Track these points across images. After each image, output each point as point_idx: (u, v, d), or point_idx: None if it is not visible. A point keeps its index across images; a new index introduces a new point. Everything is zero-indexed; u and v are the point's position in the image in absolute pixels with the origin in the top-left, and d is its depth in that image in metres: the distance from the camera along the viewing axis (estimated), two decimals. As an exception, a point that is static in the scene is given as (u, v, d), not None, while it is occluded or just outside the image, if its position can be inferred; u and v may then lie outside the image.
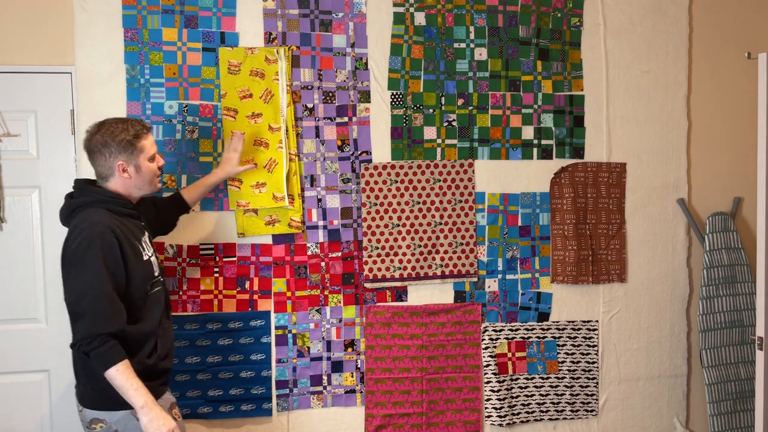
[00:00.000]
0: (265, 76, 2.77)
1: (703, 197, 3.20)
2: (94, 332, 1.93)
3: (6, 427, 2.73)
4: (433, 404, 2.95)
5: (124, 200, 2.14)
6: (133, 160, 2.11)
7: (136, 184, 2.15)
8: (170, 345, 2.24)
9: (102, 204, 2.08)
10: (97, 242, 1.97)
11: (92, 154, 2.11)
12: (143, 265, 2.11)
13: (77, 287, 1.96)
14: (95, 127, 2.12)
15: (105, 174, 2.12)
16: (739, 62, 3.17)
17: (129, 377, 1.95)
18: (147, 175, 2.16)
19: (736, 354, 3.09)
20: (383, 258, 2.91)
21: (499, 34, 2.98)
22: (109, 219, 2.04)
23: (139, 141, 2.12)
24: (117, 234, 2.02)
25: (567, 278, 3.04)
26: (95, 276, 1.95)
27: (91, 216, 2.03)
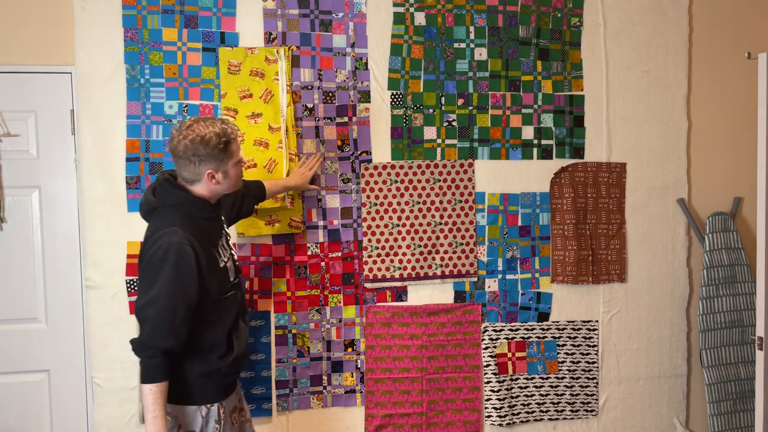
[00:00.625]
0: (265, 76, 2.77)
1: (703, 197, 3.20)
2: (149, 344, 1.94)
3: (6, 427, 2.73)
4: (433, 404, 2.95)
5: (205, 204, 2.09)
6: (222, 167, 2.04)
7: (224, 189, 2.12)
8: (243, 348, 2.20)
9: (183, 208, 2.04)
10: (174, 254, 1.94)
11: (179, 159, 2.02)
12: (219, 273, 2.08)
13: (146, 295, 1.95)
14: (184, 129, 2.01)
15: (191, 179, 2.05)
16: (739, 62, 3.17)
17: (156, 402, 1.94)
18: (233, 179, 2.11)
19: (736, 354, 3.09)
20: (383, 258, 2.91)
21: (499, 34, 2.98)
22: (189, 226, 2.00)
23: (229, 146, 2.04)
24: (194, 245, 1.98)
25: (567, 278, 3.04)
26: (166, 289, 1.93)
27: (172, 222, 1.99)
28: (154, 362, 1.94)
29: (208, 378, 2.09)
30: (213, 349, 2.10)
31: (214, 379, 2.10)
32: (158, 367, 1.95)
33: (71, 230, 2.74)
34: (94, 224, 2.66)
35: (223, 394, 2.14)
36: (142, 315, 1.95)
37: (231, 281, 2.16)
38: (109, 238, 2.67)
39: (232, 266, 2.19)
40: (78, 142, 2.67)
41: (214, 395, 2.11)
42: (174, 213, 2.03)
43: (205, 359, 2.08)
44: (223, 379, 2.13)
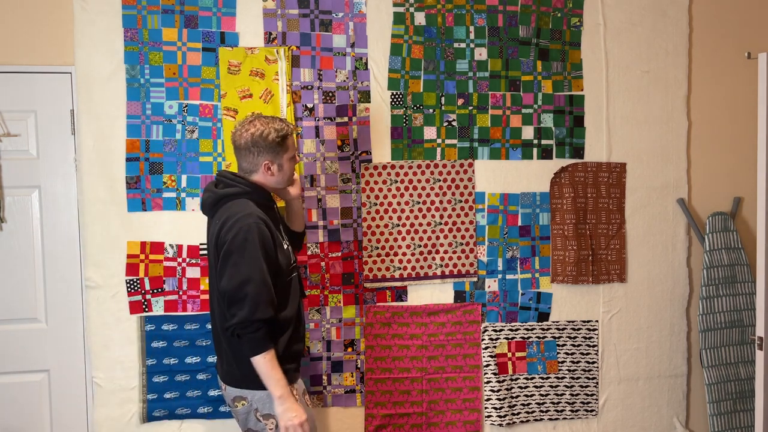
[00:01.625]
0: (265, 76, 2.77)
1: (703, 197, 3.20)
2: (253, 317, 2.04)
3: (6, 427, 2.73)
4: (433, 404, 2.95)
5: (265, 192, 2.26)
6: (277, 160, 2.22)
7: (277, 181, 2.27)
8: (304, 329, 2.37)
9: (248, 195, 2.20)
10: (255, 233, 2.08)
11: (240, 150, 2.22)
12: (284, 254, 2.23)
13: (240, 274, 2.06)
14: (247, 123, 2.21)
15: (250, 170, 2.23)
16: (739, 62, 3.17)
17: (273, 367, 2.08)
18: (287, 173, 2.28)
19: (736, 354, 3.09)
20: (383, 258, 2.91)
21: (499, 34, 2.98)
22: (258, 210, 2.16)
23: (286, 141, 2.22)
24: (269, 225, 2.15)
25: (567, 278, 3.04)
26: (256, 264, 2.07)
27: (243, 207, 2.14)
28: (260, 333, 2.07)
29: (282, 360, 2.16)
30: (285, 331, 2.21)
31: (287, 361, 2.19)
32: (265, 336, 2.08)
33: (71, 230, 2.74)
34: (94, 224, 2.66)
35: (293, 377, 2.23)
36: (239, 293, 2.06)
37: (292, 263, 2.30)
38: (109, 238, 2.67)
39: (292, 251, 2.35)
40: (78, 142, 2.67)
41: (288, 378, 2.17)
42: (242, 200, 2.18)
43: (279, 340, 2.18)
44: (292, 360, 2.23)
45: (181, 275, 2.75)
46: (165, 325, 2.74)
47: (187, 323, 2.76)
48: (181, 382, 2.76)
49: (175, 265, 2.74)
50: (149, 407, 2.74)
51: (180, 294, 2.75)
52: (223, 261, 2.11)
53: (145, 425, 2.73)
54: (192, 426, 2.79)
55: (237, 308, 2.07)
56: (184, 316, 2.75)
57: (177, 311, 2.74)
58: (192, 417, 2.78)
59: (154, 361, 2.74)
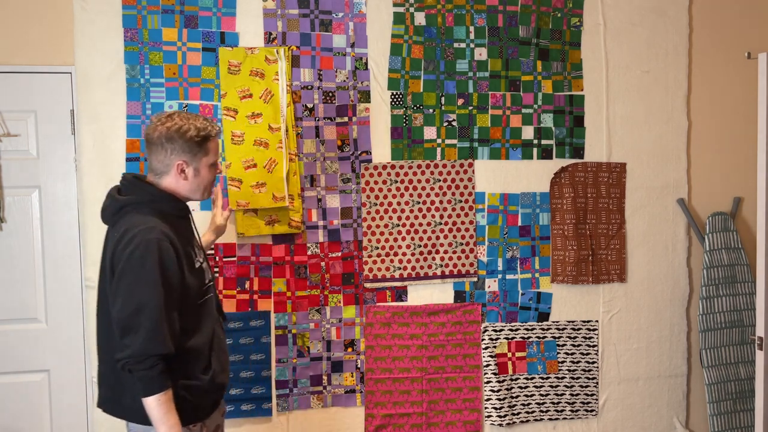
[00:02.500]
0: (265, 76, 2.77)
1: (703, 197, 3.20)
2: (147, 352, 1.77)
3: (6, 427, 2.73)
4: (433, 404, 2.95)
5: (177, 201, 1.96)
6: (194, 162, 1.94)
7: (190, 188, 1.97)
8: (226, 358, 2.07)
9: (153, 205, 1.90)
10: (155, 251, 1.79)
11: (152, 146, 1.92)
12: (196, 274, 1.95)
13: (133, 300, 1.78)
14: (163, 117, 1.93)
15: (160, 170, 1.93)
16: (739, 62, 3.17)
17: (168, 411, 1.80)
18: (204, 181, 1.98)
19: (736, 354, 3.09)
20: (383, 258, 2.91)
21: (499, 34, 2.98)
22: (164, 223, 1.87)
23: (207, 143, 1.94)
24: (173, 241, 1.85)
25: (567, 278, 3.04)
26: (153, 289, 1.78)
27: (145, 220, 1.85)
28: (156, 371, 1.78)
29: (191, 394, 1.91)
30: (196, 362, 1.93)
31: (196, 395, 1.93)
32: (160, 375, 1.79)
33: (71, 230, 2.74)
34: (94, 224, 2.66)
35: (205, 413, 1.98)
36: (132, 322, 1.78)
37: (206, 283, 2.01)
38: (109, 238, 2.67)
39: (207, 268, 2.06)
40: (78, 142, 2.67)
41: (197, 414, 1.94)
42: (146, 210, 1.89)
43: (187, 373, 1.90)
44: (208, 394, 1.97)
45: (181, 275, 2.74)
46: (165, 325, 2.74)
47: (187, 323, 2.75)
48: (181, 382, 2.75)
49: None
50: (149, 407, 2.73)
51: (180, 294, 2.75)
52: (117, 281, 1.81)
53: (145, 425, 2.73)
54: (192, 426, 2.79)
55: (130, 339, 1.77)
56: (184, 316, 2.75)
57: (177, 311, 2.74)
58: (192, 417, 2.78)
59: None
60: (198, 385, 1.92)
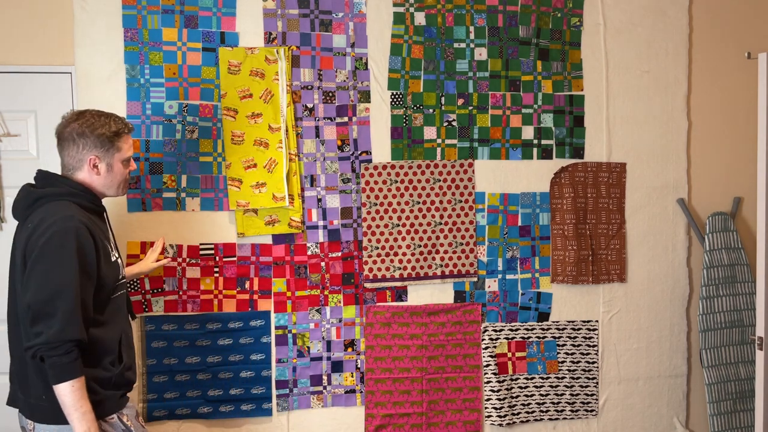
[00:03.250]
0: (265, 76, 2.77)
1: (703, 197, 3.20)
2: (62, 338, 1.75)
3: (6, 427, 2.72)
4: (433, 404, 2.95)
5: (94, 195, 1.99)
6: (107, 158, 1.98)
7: (104, 184, 2.00)
8: (133, 355, 2.10)
9: (71, 197, 1.92)
10: (73, 238, 1.80)
11: (64, 142, 1.96)
12: (111, 266, 1.96)
13: (48, 286, 1.77)
14: (74, 115, 1.98)
15: (72, 166, 1.97)
16: (739, 62, 3.17)
17: (81, 398, 1.78)
18: (117, 177, 2.02)
19: (736, 354, 3.09)
20: (383, 258, 2.91)
21: (499, 34, 2.98)
22: (81, 214, 1.88)
23: (119, 139, 1.99)
24: (92, 230, 1.87)
25: (567, 278, 3.04)
26: (69, 275, 1.78)
27: (61, 209, 1.86)
28: (70, 357, 1.77)
29: (102, 386, 1.91)
30: (106, 354, 1.93)
31: (109, 387, 1.93)
32: (75, 361, 1.78)
33: (71, 230, 2.74)
34: (94, 224, 2.66)
35: (119, 404, 1.98)
36: (46, 308, 1.76)
37: (119, 279, 2.02)
38: (109, 238, 2.67)
39: (122, 264, 2.07)
40: (78, 142, 2.67)
41: (111, 405, 1.95)
42: (63, 202, 1.90)
43: (97, 364, 1.90)
44: (118, 387, 1.97)
45: (181, 275, 2.75)
46: (165, 326, 2.74)
47: (186, 323, 2.76)
48: (180, 382, 2.76)
49: (175, 265, 2.74)
50: (149, 407, 2.74)
51: (180, 294, 2.75)
52: (31, 268, 1.80)
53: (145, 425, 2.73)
54: (192, 426, 2.79)
55: (44, 325, 1.75)
56: (183, 316, 2.75)
57: (177, 311, 2.74)
58: (192, 417, 2.78)
59: (154, 361, 2.74)
60: (108, 377, 1.93)
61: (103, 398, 1.91)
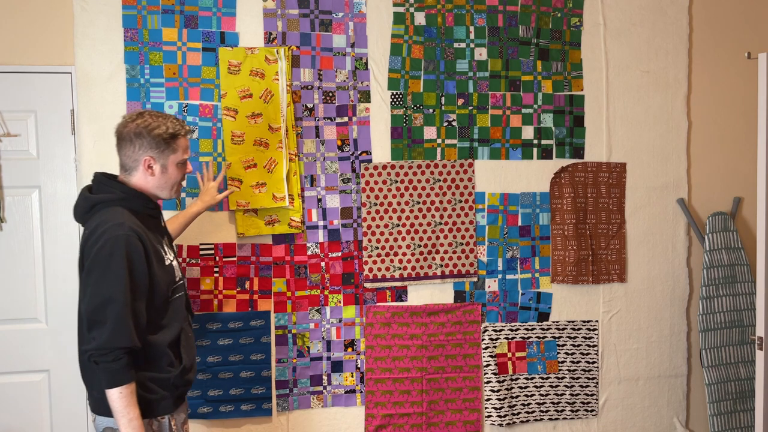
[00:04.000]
0: (265, 76, 2.77)
1: (703, 197, 3.20)
2: (112, 345, 1.82)
3: (6, 427, 2.73)
4: (433, 404, 2.95)
5: (147, 199, 2.01)
6: (162, 159, 1.98)
7: (158, 185, 2.02)
8: (194, 355, 2.11)
9: (124, 202, 1.96)
10: (123, 246, 1.84)
11: (122, 142, 1.98)
12: (165, 270, 1.99)
13: (100, 294, 1.83)
14: (133, 115, 2.00)
15: (129, 166, 1.99)
16: (739, 62, 3.17)
17: (129, 404, 1.85)
18: (171, 179, 2.02)
19: (736, 354, 3.09)
20: (383, 258, 2.91)
21: (499, 34, 2.98)
22: (133, 220, 1.92)
23: (176, 141, 2.00)
24: (142, 237, 1.90)
25: (567, 278, 3.04)
26: (120, 284, 1.83)
27: (114, 216, 1.90)
28: (120, 364, 1.83)
29: (159, 386, 1.96)
30: (163, 357, 1.97)
31: (165, 388, 1.98)
32: (124, 368, 1.84)
33: (71, 230, 2.74)
34: (94, 224, 2.66)
35: (173, 406, 2.02)
36: (99, 316, 1.83)
37: (176, 281, 2.06)
38: (109, 238, 2.67)
39: (177, 266, 2.11)
40: (78, 142, 2.67)
41: (164, 407, 1.99)
42: (117, 208, 1.94)
43: (155, 367, 1.96)
44: (173, 390, 2.01)
45: (181, 275, 2.75)
46: (165, 325, 2.74)
47: (187, 323, 2.76)
48: (181, 382, 2.76)
49: (175, 265, 2.74)
50: (149, 407, 2.74)
51: (180, 294, 2.75)
52: (86, 276, 1.87)
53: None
54: (192, 426, 2.78)
55: (97, 332, 1.82)
56: (184, 316, 2.75)
57: (177, 311, 2.74)
58: (192, 417, 2.77)
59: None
60: (166, 378, 1.97)
61: (159, 398, 1.96)
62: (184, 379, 2.04)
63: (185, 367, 2.03)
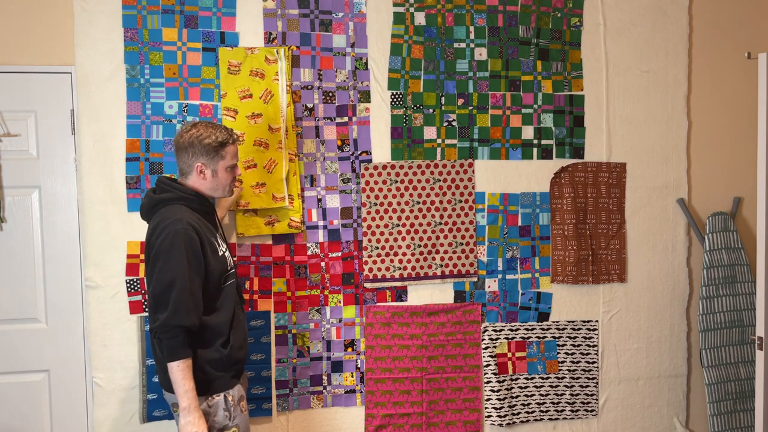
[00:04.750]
0: (265, 76, 2.77)
1: (703, 197, 3.20)
2: (172, 323, 2.05)
3: (6, 427, 2.73)
4: (433, 404, 2.95)
5: (202, 198, 2.26)
6: (212, 165, 2.23)
7: (210, 187, 2.26)
8: (244, 336, 2.33)
9: (183, 201, 2.20)
10: (181, 238, 2.09)
11: (178, 150, 2.24)
12: (219, 260, 2.22)
13: (164, 279, 2.07)
14: (189, 126, 2.25)
15: (185, 171, 2.25)
16: (739, 62, 3.17)
17: (185, 377, 2.07)
18: (222, 181, 2.27)
19: (736, 354, 3.09)
20: (383, 258, 2.91)
21: (499, 34, 2.98)
22: (190, 216, 2.17)
23: (223, 149, 2.23)
24: (198, 230, 2.14)
25: (567, 278, 3.04)
26: (180, 270, 2.07)
27: (173, 213, 2.15)
28: (178, 340, 2.06)
29: (213, 367, 2.17)
30: (217, 337, 2.20)
31: (219, 367, 2.19)
32: (183, 343, 2.07)
33: (71, 230, 2.74)
34: (94, 224, 2.66)
35: (227, 384, 2.22)
36: (162, 298, 2.07)
37: (229, 270, 2.28)
38: (109, 238, 2.67)
39: (230, 257, 2.33)
40: (78, 142, 2.67)
41: (220, 385, 2.19)
42: (176, 205, 2.19)
43: (210, 347, 2.18)
44: (228, 367, 2.22)
45: (181, 275, 2.75)
46: (165, 325, 2.74)
47: (187, 323, 2.76)
48: (181, 382, 2.76)
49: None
50: (149, 407, 2.73)
51: (180, 294, 2.75)
52: (152, 265, 2.14)
53: (145, 425, 2.73)
54: (192, 426, 2.79)
55: (160, 312, 2.08)
56: (184, 316, 2.75)
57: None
58: (192, 417, 2.78)
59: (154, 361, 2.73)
60: (218, 357, 2.18)
61: (212, 378, 2.17)
62: (233, 358, 2.23)
63: (233, 346, 2.23)
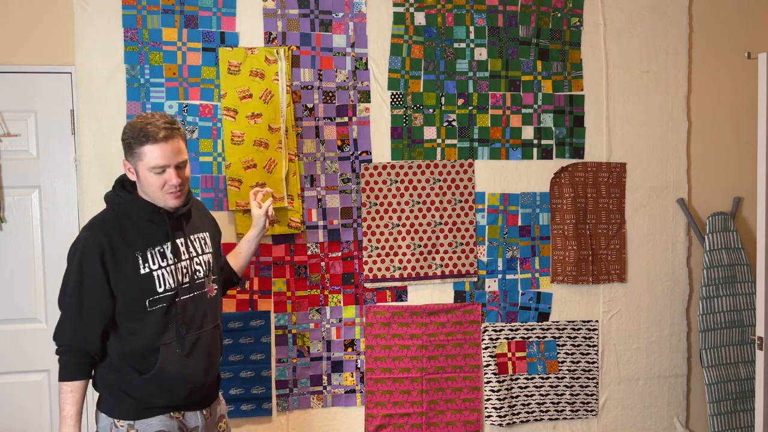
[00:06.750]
0: (265, 76, 2.77)
1: (703, 197, 3.20)
2: (57, 340, 1.93)
3: (6, 427, 2.73)
4: (433, 404, 2.95)
5: (143, 203, 1.94)
6: (133, 164, 1.90)
7: (142, 189, 1.94)
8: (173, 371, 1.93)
9: (116, 205, 1.96)
10: (80, 250, 1.88)
11: None
12: (139, 279, 1.89)
13: (60, 290, 1.94)
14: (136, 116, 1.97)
15: None
16: (739, 62, 3.17)
17: (65, 401, 1.88)
18: (146, 186, 1.91)
19: (736, 354, 3.09)
20: (383, 258, 2.91)
21: (499, 34, 2.98)
22: (111, 223, 1.90)
23: (139, 147, 1.86)
24: (105, 243, 1.86)
25: (567, 278, 3.04)
26: (72, 285, 1.89)
27: (96, 217, 1.96)
28: (64, 359, 1.91)
29: (120, 391, 1.92)
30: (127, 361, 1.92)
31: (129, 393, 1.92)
32: (67, 364, 1.90)
33: (71, 230, 2.74)
34: (94, 224, 2.66)
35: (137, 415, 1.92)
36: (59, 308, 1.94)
37: (158, 293, 1.92)
38: (109, 238, 2.67)
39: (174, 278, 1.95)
40: (78, 142, 2.67)
41: (126, 412, 1.92)
42: (109, 208, 1.98)
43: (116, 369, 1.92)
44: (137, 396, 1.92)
45: (181, 275, 2.74)
46: (165, 325, 2.74)
47: (187, 323, 2.76)
48: (181, 382, 2.76)
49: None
50: (149, 407, 2.74)
51: (180, 294, 2.75)
52: None
53: None
54: (192, 426, 2.79)
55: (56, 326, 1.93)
56: (184, 316, 2.75)
57: (177, 311, 2.74)
58: (192, 417, 2.78)
59: None
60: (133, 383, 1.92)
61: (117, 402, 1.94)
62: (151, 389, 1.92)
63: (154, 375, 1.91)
